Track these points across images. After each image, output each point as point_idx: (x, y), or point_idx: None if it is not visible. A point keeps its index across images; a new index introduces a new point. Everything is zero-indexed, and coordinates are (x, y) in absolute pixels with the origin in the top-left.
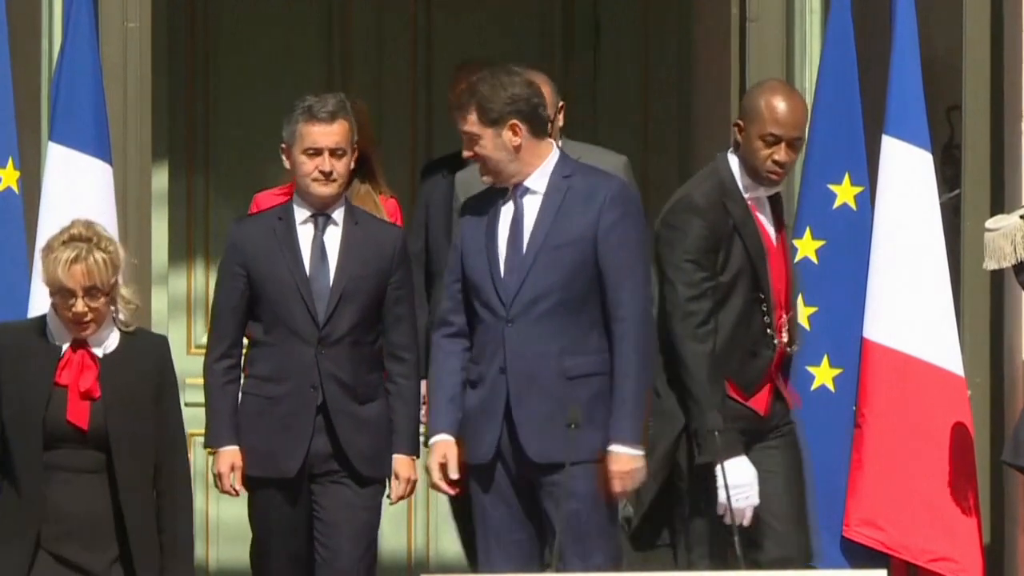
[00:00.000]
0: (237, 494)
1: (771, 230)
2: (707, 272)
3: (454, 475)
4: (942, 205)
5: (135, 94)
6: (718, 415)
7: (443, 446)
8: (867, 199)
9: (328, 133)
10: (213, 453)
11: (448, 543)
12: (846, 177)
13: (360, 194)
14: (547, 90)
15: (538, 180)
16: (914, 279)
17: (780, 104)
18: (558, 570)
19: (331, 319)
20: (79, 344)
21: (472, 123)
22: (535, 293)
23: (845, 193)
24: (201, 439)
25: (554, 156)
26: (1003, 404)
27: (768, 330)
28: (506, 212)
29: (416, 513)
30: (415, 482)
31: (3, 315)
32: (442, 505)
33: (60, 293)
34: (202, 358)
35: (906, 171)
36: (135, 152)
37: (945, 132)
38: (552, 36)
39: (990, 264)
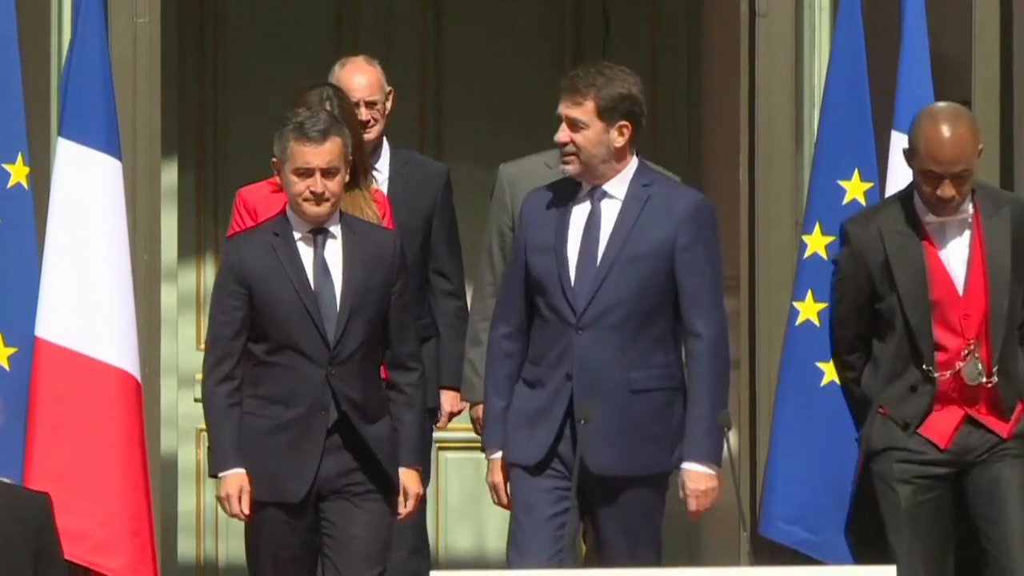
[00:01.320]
0: (246, 518)
1: (956, 258)
2: (849, 300)
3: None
4: None
5: (144, 90)
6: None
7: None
8: (877, 194)
9: (320, 153)
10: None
11: (458, 539)
12: (856, 173)
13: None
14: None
15: (618, 186)
16: None
17: (938, 139)
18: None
19: (342, 338)
20: None
21: (586, 111)
22: (608, 304)
23: (855, 189)
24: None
25: (634, 164)
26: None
27: (925, 365)
28: (579, 213)
29: (426, 510)
30: (421, 496)
31: (14, 311)
32: (451, 501)
33: None
34: None
35: None
36: (144, 148)
37: None
38: (562, 33)
39: None
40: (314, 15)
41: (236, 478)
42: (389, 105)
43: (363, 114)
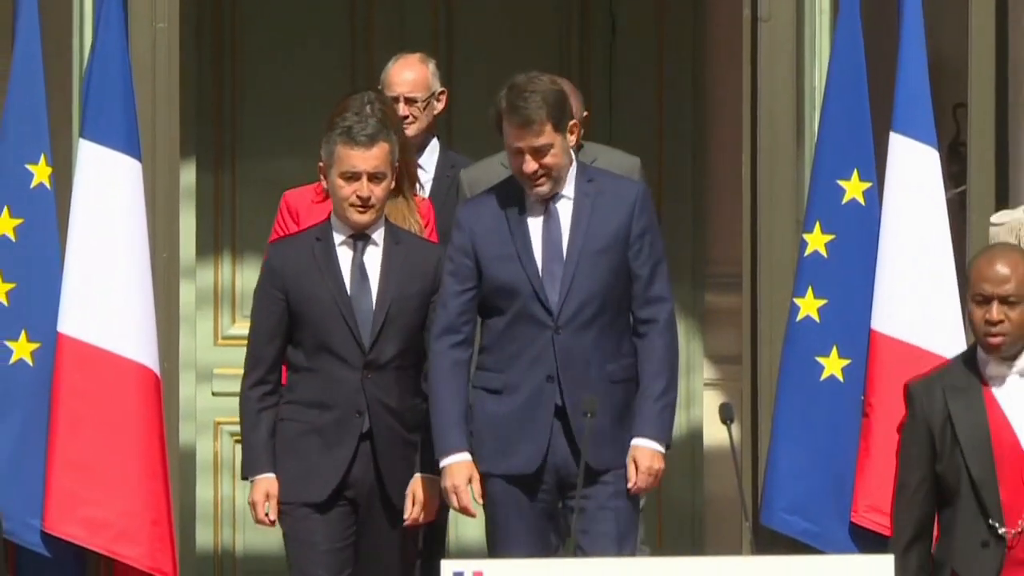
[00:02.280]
0: (272, 524)
1: (1019, 409)
2: (920, 469)
3: (476, 495)
4: (948, 200)
5: (163, 92)
6: None
7: (467, 467)
8: (875, 194)
9: (367, 157)
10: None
11: (468, 528)
12: (855, 173)
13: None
14: (574, 99)
15: (567, 186)
16: (920, 272)
17: (988, 260)
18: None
19: (376, 343)
20: None
21: (548, 134)
22: (581, 299)
23: (854, 188)
24: (228, 427)
25: (574, 161)
26: None
27: (991, 520)
28: (534, 216)
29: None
30: (429, 506)
31: (37, 307)
32: None
33: None
34: (228, 349)
35: (913, 167)
36: (163, 148)
37: (951, 129)
38: (570, 35)
39: None
40: (328, 21)
41: (264, 483)
42: (439, 105)
43: (402, 110)
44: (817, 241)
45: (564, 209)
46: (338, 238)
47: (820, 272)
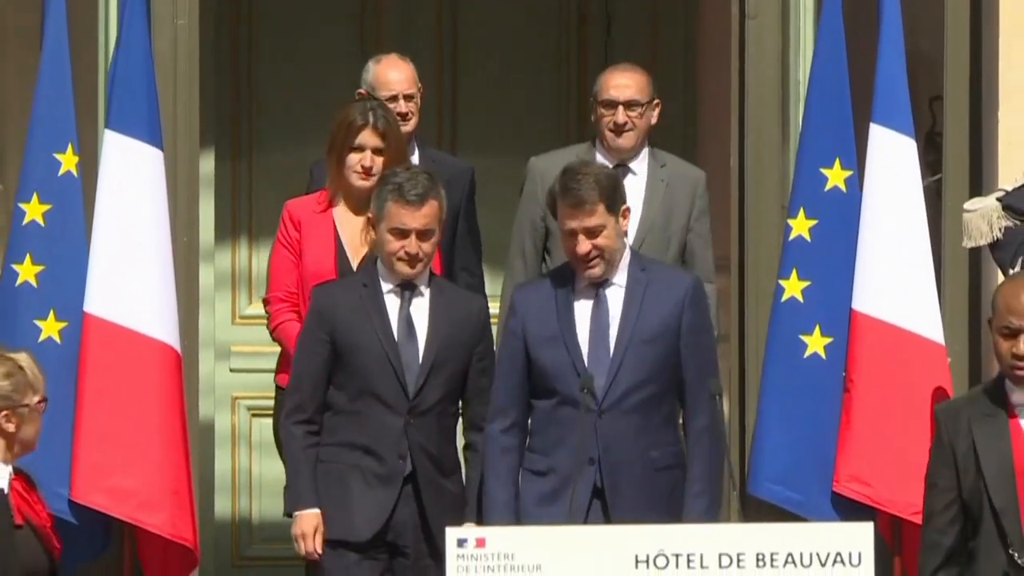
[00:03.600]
0: (319, 557)
1: None
2: (946, 494)
3: None
4: (925, 188)
5: (184, 85)
6: None
7: None
8: (856, 182)
9: (417, 216)
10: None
11: None
12: (836, 161)
13: None
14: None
15: (619, 273)
16: (899, 256)
17: (1015, 293)
18: None
19: (422, 390)
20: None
21: (601, 214)
22: (626, 386)
23: (836, 176)
24: (244, 401)
25: (628, 250)
26: (980, 371)
27: (1011, 550)
28: (584, 303)
29: None
30: None
31: (65, 288)
32: None
33: (27, 404)
34: (245, 328)
35: (892, 156)
36: (184, 138)
37: (928, 121)
38: (568, 32)
39: (968, 242)
40: (340, 17)
41: (311, 517)
42: (420, 101)
43: (402, 107)
44: (801, 226)
45: (614, 296)
46: (385, 286)
47: (804, 255)
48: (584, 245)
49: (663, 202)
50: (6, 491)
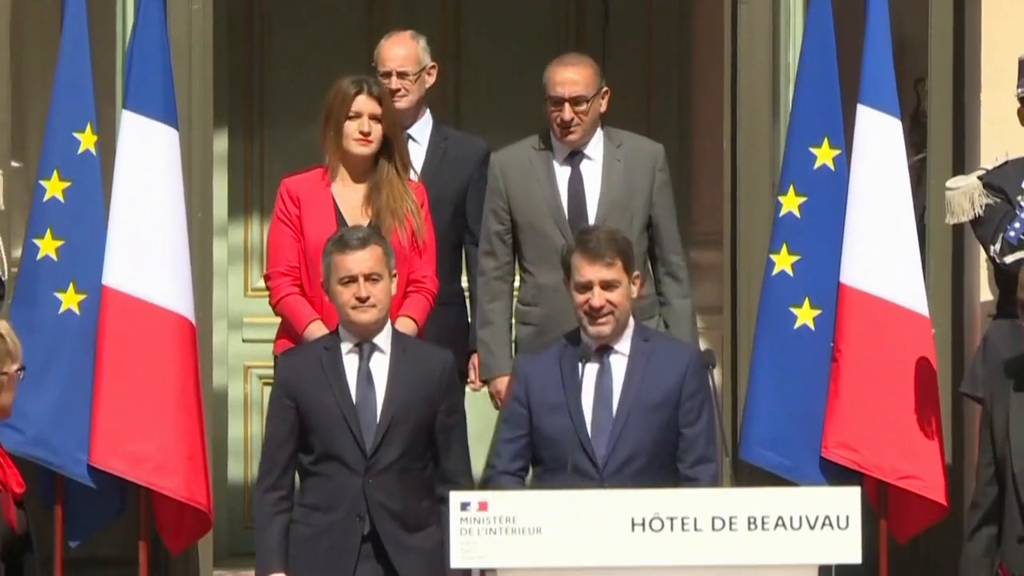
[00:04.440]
0: None
1: None
2: (985, 455)
3: None
4: (910, 166)
5: (198, 67)
6: None
7: None
8: (844, 160)
9: (361, 260)
10: None
11: (476, 463)
12: (825, 140)
13: (387, 178)
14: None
15: (624, 341)
16: (884, 231)
17: None
18: None
19: (379, 448)
20: None
21: (618, 270)
22: (628, 453)
23: (824, 155)
24: (256, 370)
25: (631, 319)
26: (962, 341)
27: None
28: (589, 370)
29: None
30: None
31: (83, 261)
32: (471, 430)
33: (5, 372)
34: (257, 300)
35: (878, 136)
36: (198, 118)
37: (912, 102)
38: (567, 19)
39: (951, 219)
40: (348, 3)
41: None
42: (430, 80)
43: (393, 83)
44: (791, 202)
45: (618, 364)
46: (345, 347)
47: (794, 230)
48: (598, 299)
49: (622, 180)
50: None
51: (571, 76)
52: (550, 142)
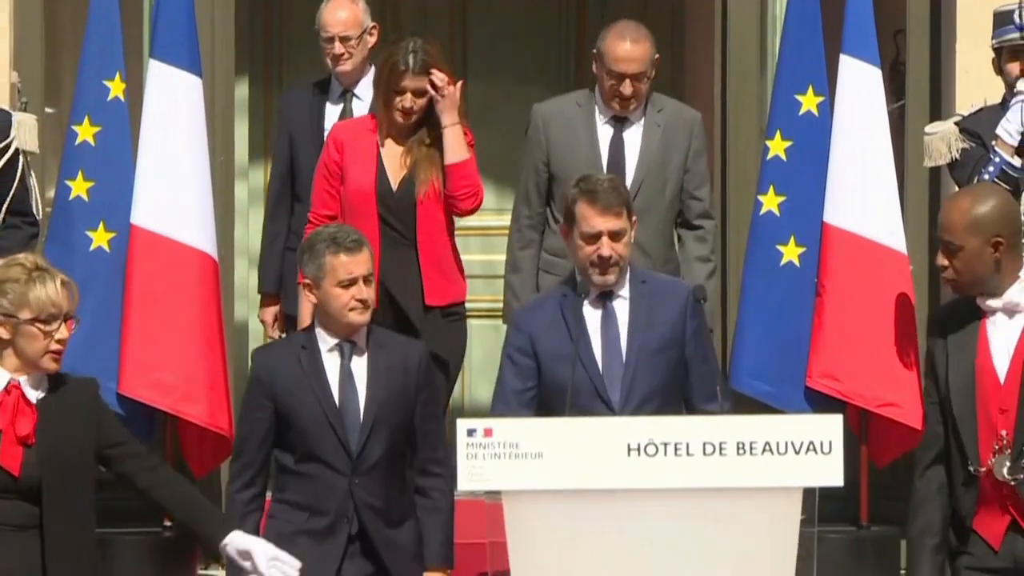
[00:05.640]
0: None
1: (1004, 345)
2: (929, 396)
3: None
4: (889, 113)
5: (221, 18)
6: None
7: None
8: (827, 107)
9: (359, 261)
10: None
11: (480, 393)
12: (810, 88)
13: (420, 141)
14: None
15: (623, 286)
16: (865, 173)
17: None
18: None
19: (364, 448)
20: (14, 387)
21: (624, 218)
22: (641, 397)
23: (809, 102)
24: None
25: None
26: (939, 277)
27: (968, 465)
28: (592, 317)
29: None
30: None
31: (112, 201)
32: (475, 362)
33: (47, 320)
34: None
35: (859, 84)
36: (221, 66)
37: (892, 52)
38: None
39: (929, 162)
40: None
41: None
42: (372, 39)
43: (336, 48)
44: (777, 146)
45: (621, 308)
46: (324, 346)
47: (780, 173)
48: (607, 248)
49: (660, 144)
50: None
51: (635, 53)
52: (593, 100)
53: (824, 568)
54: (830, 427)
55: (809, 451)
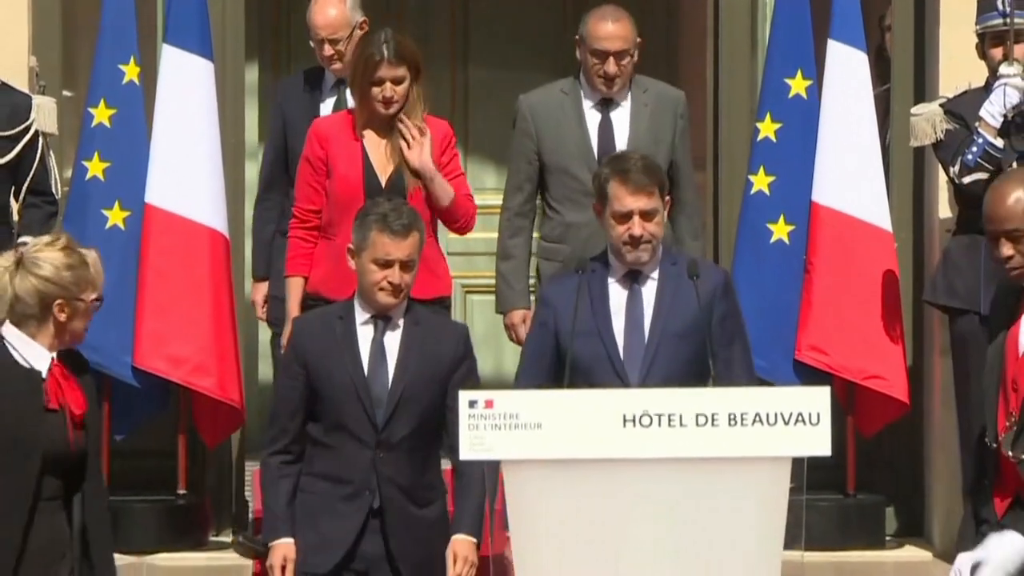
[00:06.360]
0: None
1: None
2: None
3: None
4: (875, 96)
5: (232, 5)
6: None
7: None
8: (816, 90)
9: (402, 246)
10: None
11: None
12: (799, 72)
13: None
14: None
15: (654, 267)
16: (852, 154)
17: (994, 198)
18: None
19: (389, 422)
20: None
21: (657, 199)
22: (659, 380)
23: (798, 85)
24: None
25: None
26: (923, 254)
27: (987, 435)
28: (618, 295)
29: None
30: (474, 565)
31: (128, 181)
32: (477, 335)
33: (100, 298)
34: None
35: (847, 68)
36: (232, 51)
37: (878, 37)
38: None
39: (914, 142)
40: None
41: (282, 548)
42: (363, 33)
43: (327, 50)
44: (768, 128)
45: (648, 290)
46: (359, 318)
47: (770, 154)
48: (639, 227)
49: (648, 125)
50: (44, 375)
51: (617, 31)
52: (579, 87)
53: (812, 534)
54: (818, 399)
55: (798, 422)
